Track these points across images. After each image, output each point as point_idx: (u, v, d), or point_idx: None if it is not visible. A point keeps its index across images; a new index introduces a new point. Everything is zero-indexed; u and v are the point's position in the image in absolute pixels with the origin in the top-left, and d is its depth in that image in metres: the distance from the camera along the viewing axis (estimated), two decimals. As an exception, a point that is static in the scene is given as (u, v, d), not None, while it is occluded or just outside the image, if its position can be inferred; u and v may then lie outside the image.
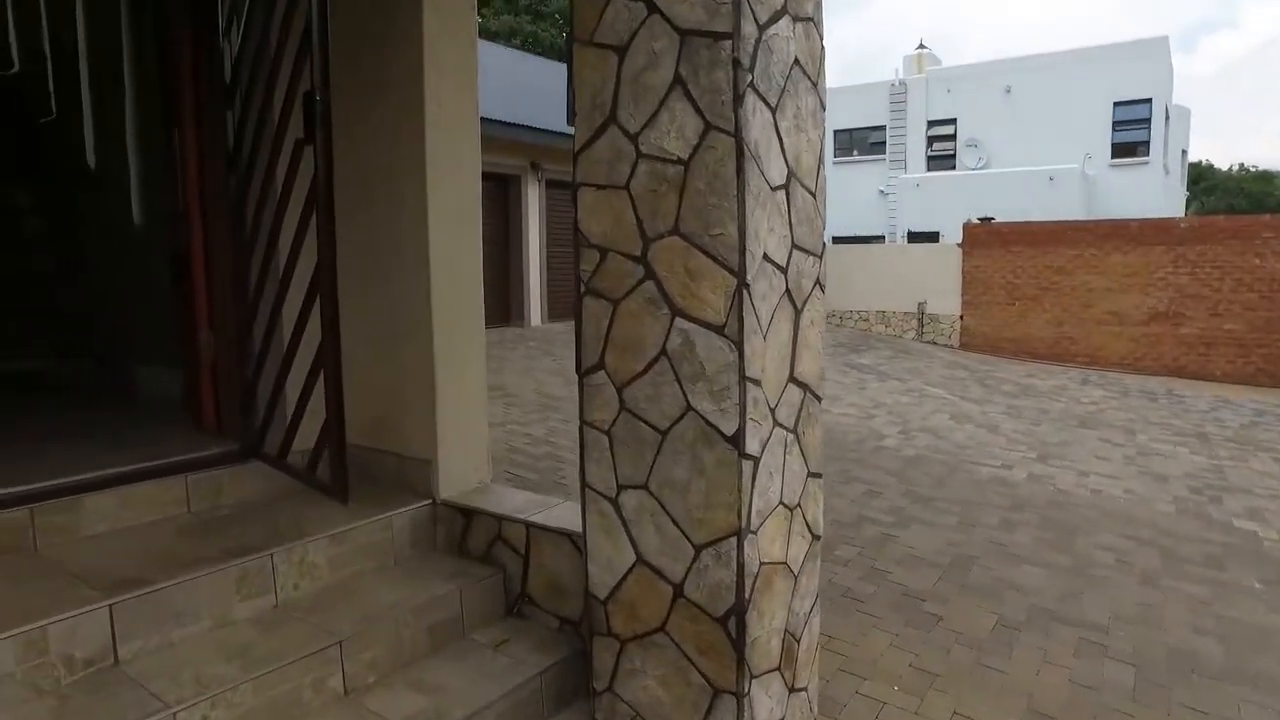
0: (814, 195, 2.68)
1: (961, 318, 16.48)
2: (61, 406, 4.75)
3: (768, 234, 2.39)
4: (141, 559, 2.89)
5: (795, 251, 2.57)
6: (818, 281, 2.74)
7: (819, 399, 2.78)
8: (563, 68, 24.72)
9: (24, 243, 6.07)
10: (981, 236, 16.48)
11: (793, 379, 2.60)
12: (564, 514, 3.30)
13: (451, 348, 3.53)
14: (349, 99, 3.46)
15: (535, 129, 13.13)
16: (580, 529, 2.98)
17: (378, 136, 3.55)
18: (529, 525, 3.24)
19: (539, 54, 25.88)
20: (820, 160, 2.71)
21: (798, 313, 2.61)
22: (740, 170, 2.26)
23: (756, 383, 2.35)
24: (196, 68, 3.52)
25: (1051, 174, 22.34)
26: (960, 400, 10.82)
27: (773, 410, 2.47)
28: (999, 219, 17.98)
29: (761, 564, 2.45)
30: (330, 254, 2.77)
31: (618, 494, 2.60)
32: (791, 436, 2.61)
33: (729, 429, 2.34)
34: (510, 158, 13.54)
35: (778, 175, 2.44)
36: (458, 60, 3.46)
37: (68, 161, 5.81)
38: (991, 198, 21.82)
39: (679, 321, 2.40)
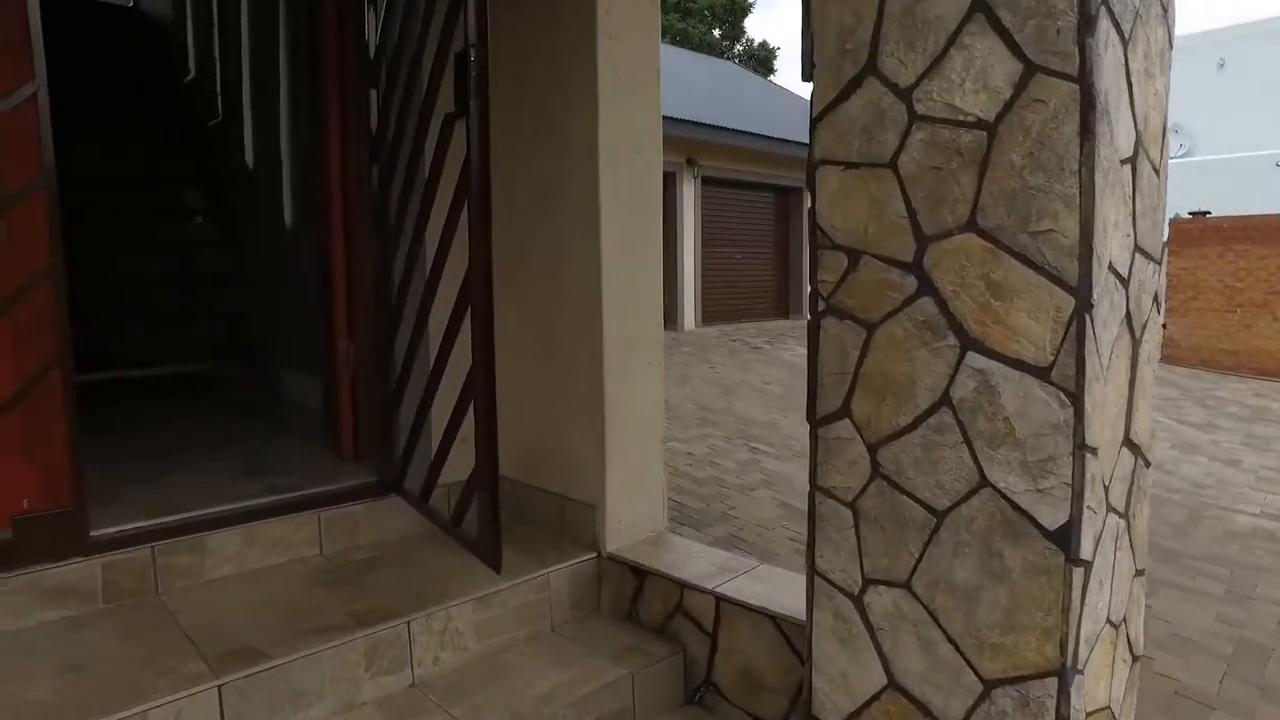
0: (1158, 173, 1.85)
1: (1164, 326, 14.51)
2: (205, 411, 4.54)
3: (1113, 229, 1.60)
4: (263, 616, 2.43)
5: (1137, 255, 1.76)
6: (1156, 298, 1.91)
7: (1149, 465, 1.95)
8: (716, 63, 24.05)
9: (193, 244, 6.02)
10: (1194, 233, 14.43)
11: (1127, 440, 1.78)
12: (764, 585, 2.61)
13: (625, 367, 2.91)
14: (501, 71, 2.90)
15: (692, 123, 12.50)
16: (789, 610, 2.30)
17: (536, 113, 2.99)
18: (719, 598, 2.56)
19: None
20: (1165, 122, 1.88)
21: (1136, 345, 1.79)
22: (1087, 133, 1.48)
23: (1094, 452, 1.57)
24: (341, 43, 3.07)
25: (1278, 159, 19.49)
26: (1179, 425, 9.31)
27: (1107, 489, 1.67)
28: (1215, 213, 15.77)
29: (1087, 715, 1.66)
30: (484, 254, 2.20)
31: (863, 589, 1.87)
32: (1123, 524, 1.80)
33: (1052, 520, 1.56)
34: (666, 154, 12.87)
35: (1125, 143, 1.64)
36: (637, 16, 2.84)
37: (230, 163, 5.68)
38: (1196, 189, 19.31)
39: (973, 358, 1.64)
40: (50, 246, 2.35)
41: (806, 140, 1.92)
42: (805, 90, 1.91)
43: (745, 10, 35.28)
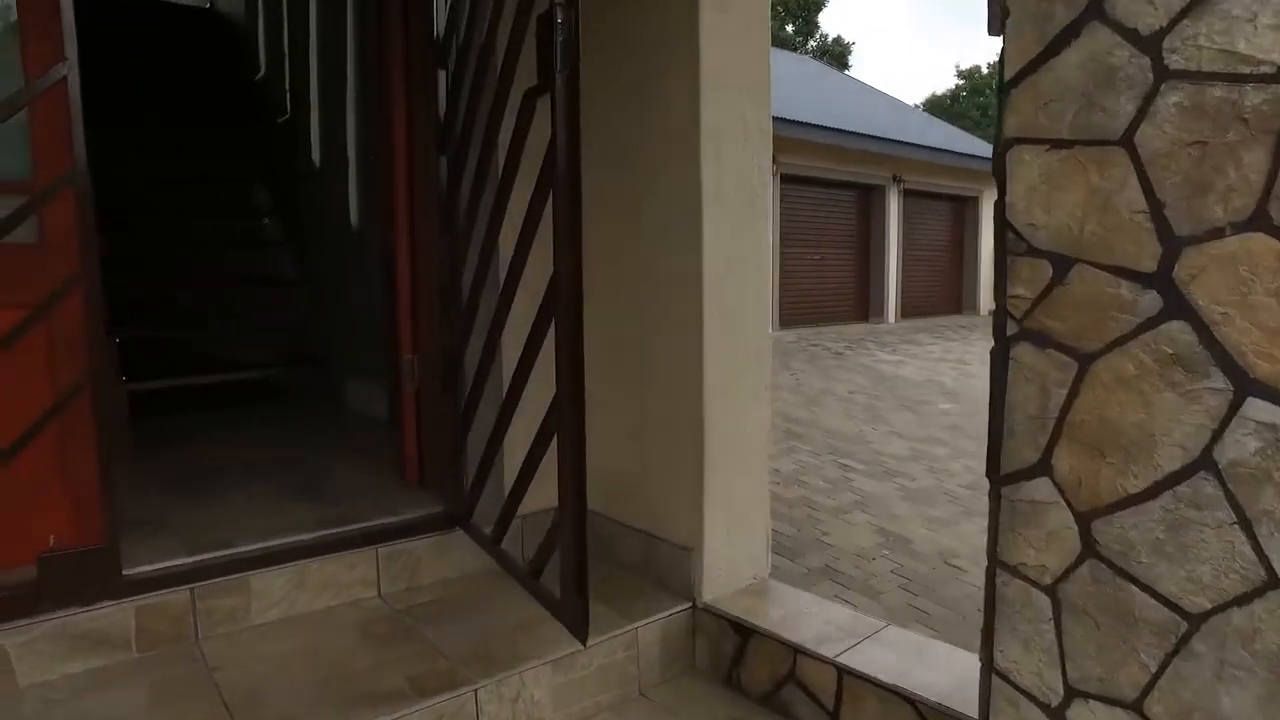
0: None
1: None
2: (265, 421, 4.30)
3: None
4: (310, 678, 2.10)
5: None
6: None
7: None
8: (793, 57, 23.40)
9: (260, 245, 5.85)
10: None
11: None
12: (896, 654, 2.16)
13: (728, 388, 2.50)
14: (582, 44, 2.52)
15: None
16: (931, 692, 1.89)
17: (624, 92, 2.60)
18: (842, 670, 2.13)
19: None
20: None
21: None
22: None
23: None
24: (405, 19, 2.73)
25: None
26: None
27: None
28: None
29: None
30: (573, 259, 1.81)
31: (1065, 702, 1.42)
32: None
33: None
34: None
35: None
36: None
37: (298, 161, 5.48)
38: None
39: (1256, 406, 1.18)
40: (81, 250, 2.06)
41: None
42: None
43: (819, 5, 34.47)
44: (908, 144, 13.64)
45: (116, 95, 5.84)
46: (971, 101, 33.51)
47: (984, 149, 17.35)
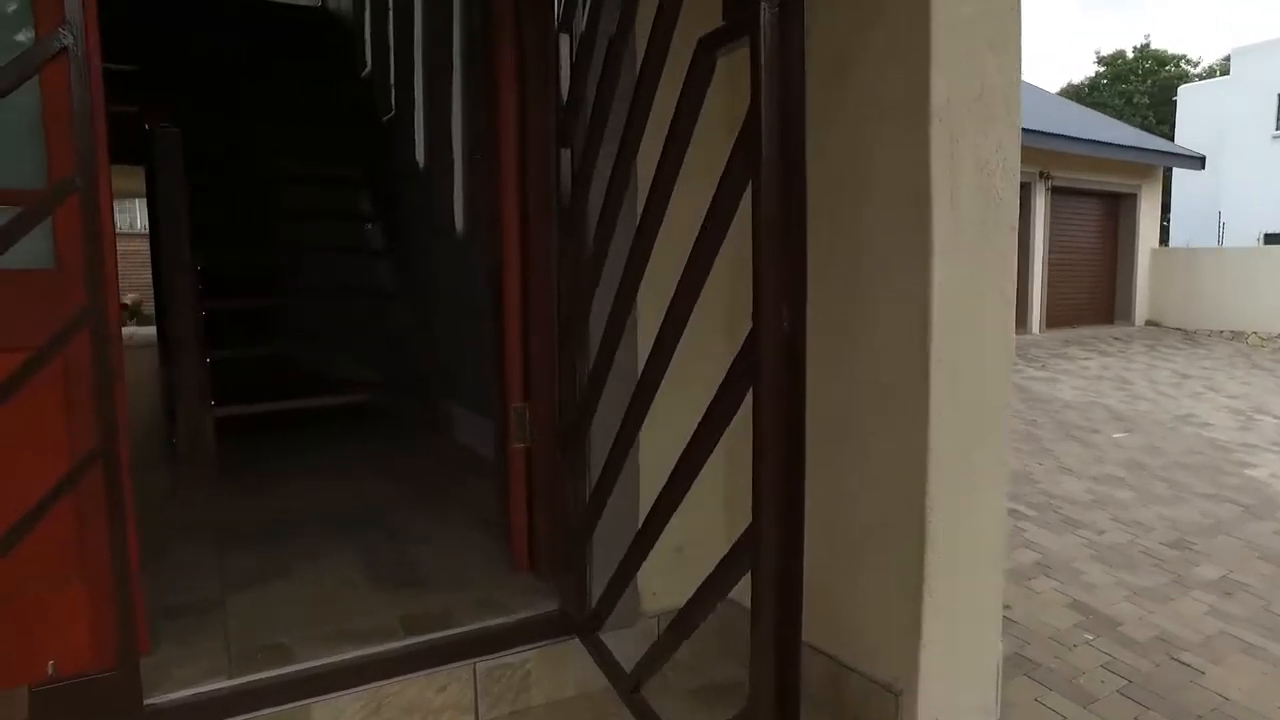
0: None
1: None
2: (352, 457, 3.84)
3: None
4: None
5: None
6: None
7: None
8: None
9: (362, 253, 5.44)
10: None
11: None
12: None
13: (959, 464, 1.77)
14: None
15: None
16: None
17: (808, 57, 1.90)
18: None
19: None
20: None
21: None
22: None
23: None
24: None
25: None
26: None
27: None
28: None
29: None
30: (791, 297, 1.12)
31: None
32: None
33: None
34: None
35: None
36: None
37: (401, 162, 5.03)
38: None
39: None
40: (87, 276, 1.53)
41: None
42: None
43: None
44: (1062, 136, 12.33)
45: (224, 94, 5.56)
46: (1114, 89, 30.90)
47: (1153, 141, 15.77)
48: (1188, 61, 31.95)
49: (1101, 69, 33.00)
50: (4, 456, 1.60)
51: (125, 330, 11.75)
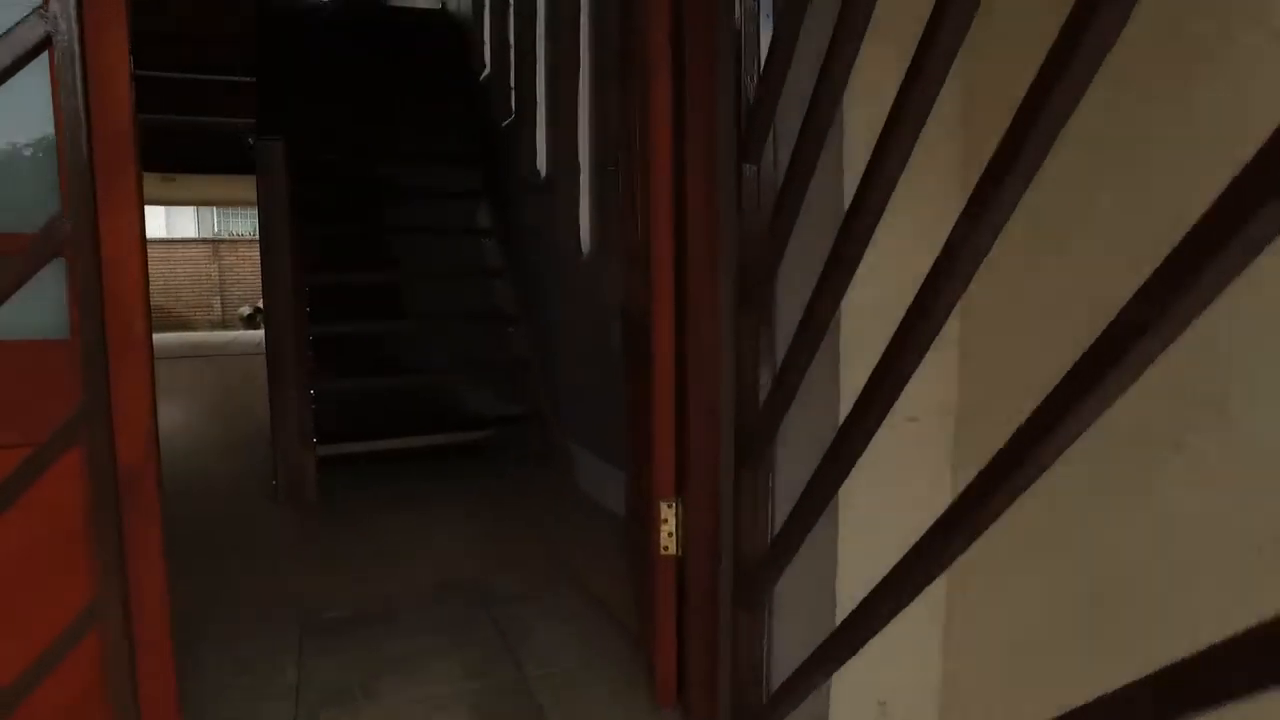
0: None
1: None
2: (465, 505, 3.35)
3: None
4: None
5: None
6: None
7: None
8: None
9: (480, 273, 5.06)
10: None
11: None
12: None
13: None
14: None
15: None
16: None
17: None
18: None
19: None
20: None
21: None
22: None
23: None
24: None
25: None
26: None
27: None
28: None
29: None
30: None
31: None
32: None
33: None
34: None
35: None
36: None
37: (522, 172, 4.61)
38: None
39: None
40: (83, 359, 1.08)
41: None
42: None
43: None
44: None
45: (345, 99, 5.30)
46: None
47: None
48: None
49: None
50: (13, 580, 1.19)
51: (251, 334, 11.91)
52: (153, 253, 15.73)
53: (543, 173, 4.30)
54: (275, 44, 4.93)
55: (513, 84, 5.00)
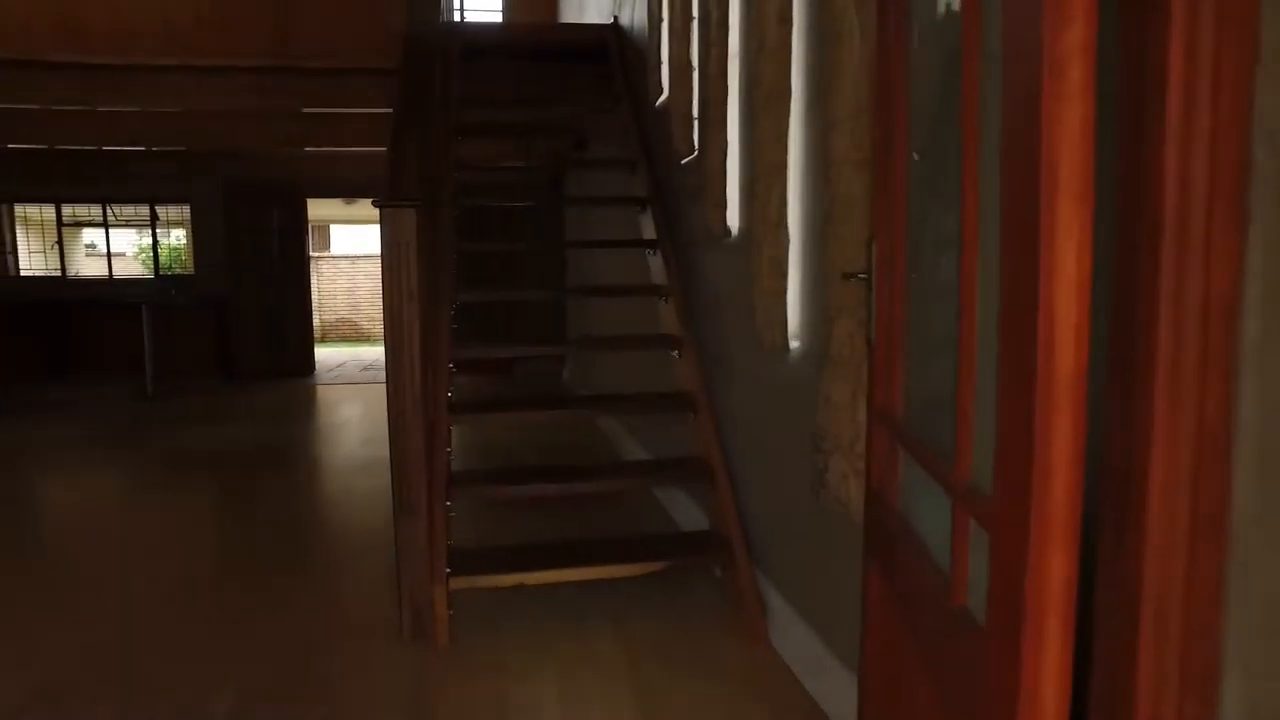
0: None
1: None
2: (614, 697, 2.64)
3: None
4: None
5: None
6: None
7: None
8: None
9: (655, 342, 4.27)
10: None
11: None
12: None
13: None
14: None
15: None
16: None
17: None
18: None
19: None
20: None
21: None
22: None
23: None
24: None
25: None
26: None
27: None
28: None
29: None
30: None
31: None
32: None
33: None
34: None
35: None
36: None
37: (706, 220, 3.78)
38: None
39: None
40: None
41: None
42: None
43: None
44: None
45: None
46: None
47: None
48: None
49: None
50: None
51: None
52: (337, 267, 16.30)
53: (734, 228, 3.44)
54: (423, 79, 4.35)
55: (695, 114, 4.19)
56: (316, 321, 14.15)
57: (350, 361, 11.64)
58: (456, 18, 8.46)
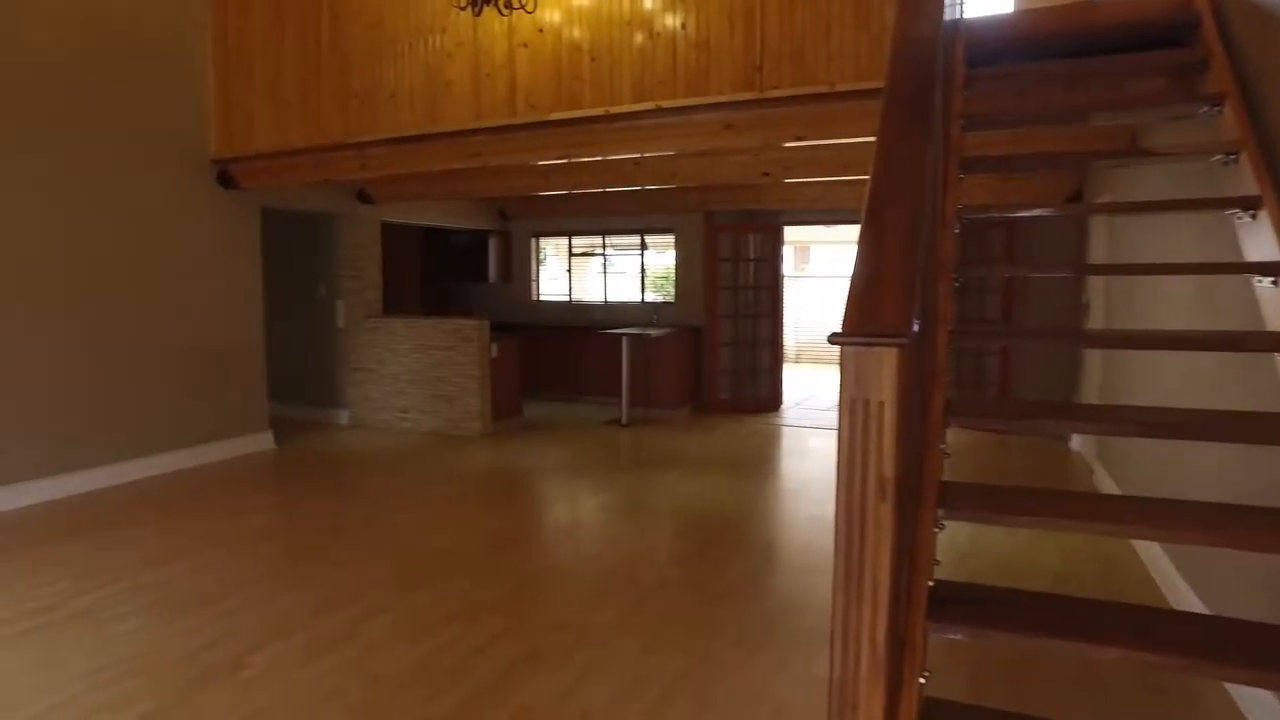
0: None
1: None
2: None
3: None
4: None
5: None
6: None
7: None
8: None
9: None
10: None
11: None
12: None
13: None
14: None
15: None
16: None
17: None
18: None
19: None
20: None
21: None
22: None
23: None
24: None
25: None
26: None
27: None
28: None
29: None
30: None
31: None
32: None
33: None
34: None
35: None
36: None
37: None
38: None
39: None
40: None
41: None
42: None
43: None
44: None
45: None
46: None
47: None
48: None
49: None
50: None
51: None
52: (815, 287, 16.06)
53: None
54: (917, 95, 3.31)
55: None
56: (791, 342, 13.94)
57: (816, 395, 11.04)
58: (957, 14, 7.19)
